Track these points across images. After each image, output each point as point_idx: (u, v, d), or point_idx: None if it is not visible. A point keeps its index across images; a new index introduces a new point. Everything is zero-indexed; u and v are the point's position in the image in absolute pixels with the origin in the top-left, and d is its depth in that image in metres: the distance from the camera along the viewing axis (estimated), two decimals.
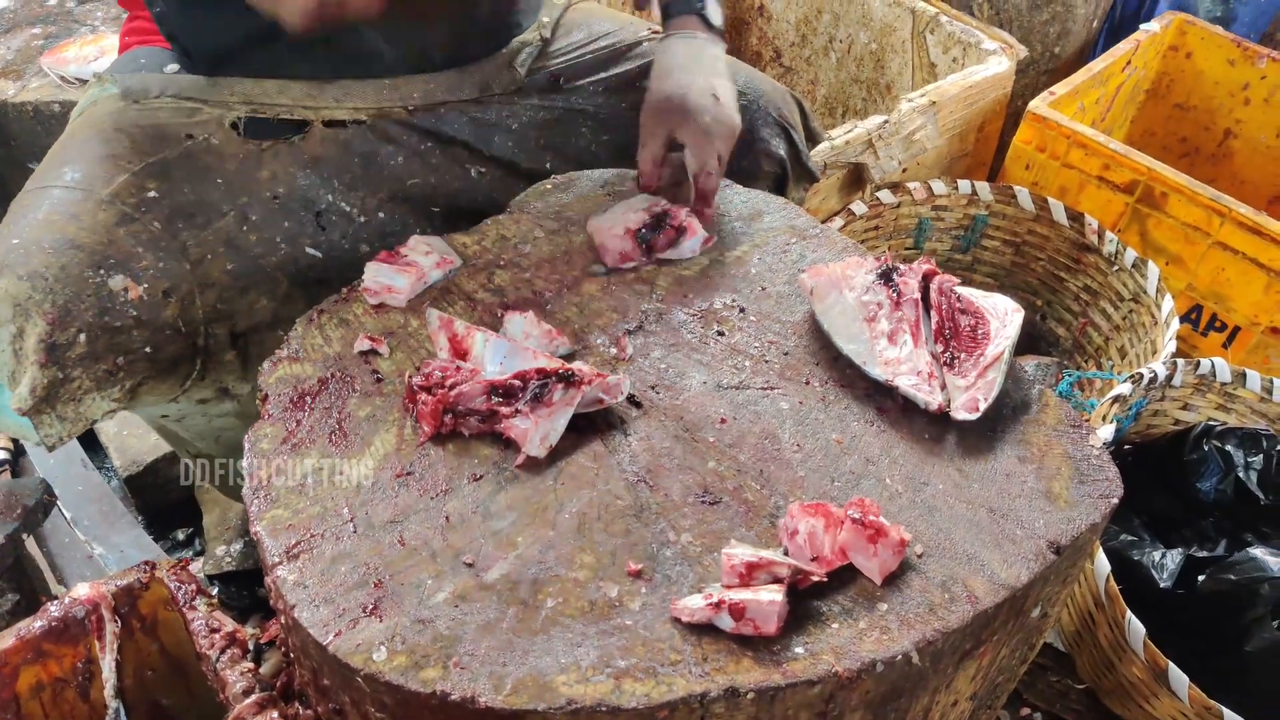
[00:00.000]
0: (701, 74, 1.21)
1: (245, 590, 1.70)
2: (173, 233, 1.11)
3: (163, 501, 1.84)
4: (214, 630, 0.98)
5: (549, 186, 1.29)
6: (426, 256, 1.14)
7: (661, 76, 1.23)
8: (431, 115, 1.31)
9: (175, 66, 1.25)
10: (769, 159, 1.44)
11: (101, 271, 1.04)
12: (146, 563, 1.08)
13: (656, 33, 1.48)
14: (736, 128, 1.21)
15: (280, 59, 1.23)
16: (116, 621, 1.06)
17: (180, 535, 1.83)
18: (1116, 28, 2.57)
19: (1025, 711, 1.53)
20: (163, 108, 1.19)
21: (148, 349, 1.07)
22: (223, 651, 0.97)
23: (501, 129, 1.35)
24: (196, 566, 1.71)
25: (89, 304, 1.02)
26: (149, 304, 1.06)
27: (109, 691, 1.06)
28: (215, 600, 1.05)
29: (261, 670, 0.98)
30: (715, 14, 1.29)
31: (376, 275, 1.11)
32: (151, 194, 1.11)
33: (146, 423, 1.44)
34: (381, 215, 1.27)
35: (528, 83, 1.38)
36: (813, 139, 1.56)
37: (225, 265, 1.15)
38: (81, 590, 1.05)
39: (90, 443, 1.86)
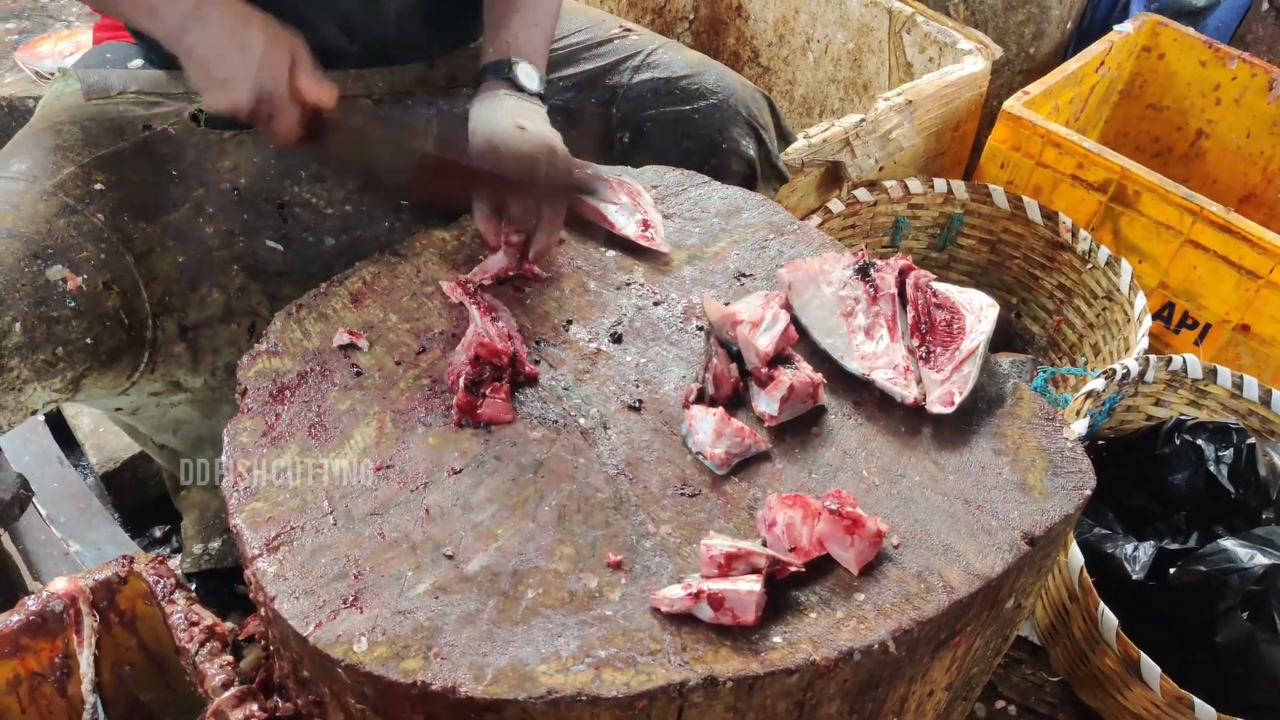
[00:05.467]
0: (505, 115, 1.15)
1: (224, 588, 1.69)
2: (117, 225, 1.10)
3: (140, 499, 1.82)
4: (193, 624, 0.98)
5: None
6: None
7: (471, 137, 1.17)
8: (398, 106, 1.30)
9: (140, 61, 1.25)
10: (738, 158, 1.44)
11: (39, 261, 1.03)
12: (125, 557, 1.07)
13: (628, 30, 1.48)
14: (551, 144, 1.14)
15: None
16: (94, 616, 1.05)
17: (157, 533, 1.81)
18: (1089, 29, 2.60)
19: (1000, 704, 1.55)
20: (123, 101, 1.19)
21: (88, 340, 1.06)
22: (202, 645, 0.96)
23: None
24: (174, 564, 1.69)
25: (25, 293, 1.01)
26: (89, 295, 1.05)
27: (87, 686, 1.05)
28: (194, 594, 1.04)
29: (241, 664, 0.98)
30: (531, 78, 1.22)
31: None
32: (98, 186, 1.11)
33: (113, 421, 1.41)
34: (348, 207, 1.26)
35: None
36: (785, 139, 1.56)
37: (175, 258, 1.14)
38: (59, 584, 1.04)
39: (67, 440, 1.84)
